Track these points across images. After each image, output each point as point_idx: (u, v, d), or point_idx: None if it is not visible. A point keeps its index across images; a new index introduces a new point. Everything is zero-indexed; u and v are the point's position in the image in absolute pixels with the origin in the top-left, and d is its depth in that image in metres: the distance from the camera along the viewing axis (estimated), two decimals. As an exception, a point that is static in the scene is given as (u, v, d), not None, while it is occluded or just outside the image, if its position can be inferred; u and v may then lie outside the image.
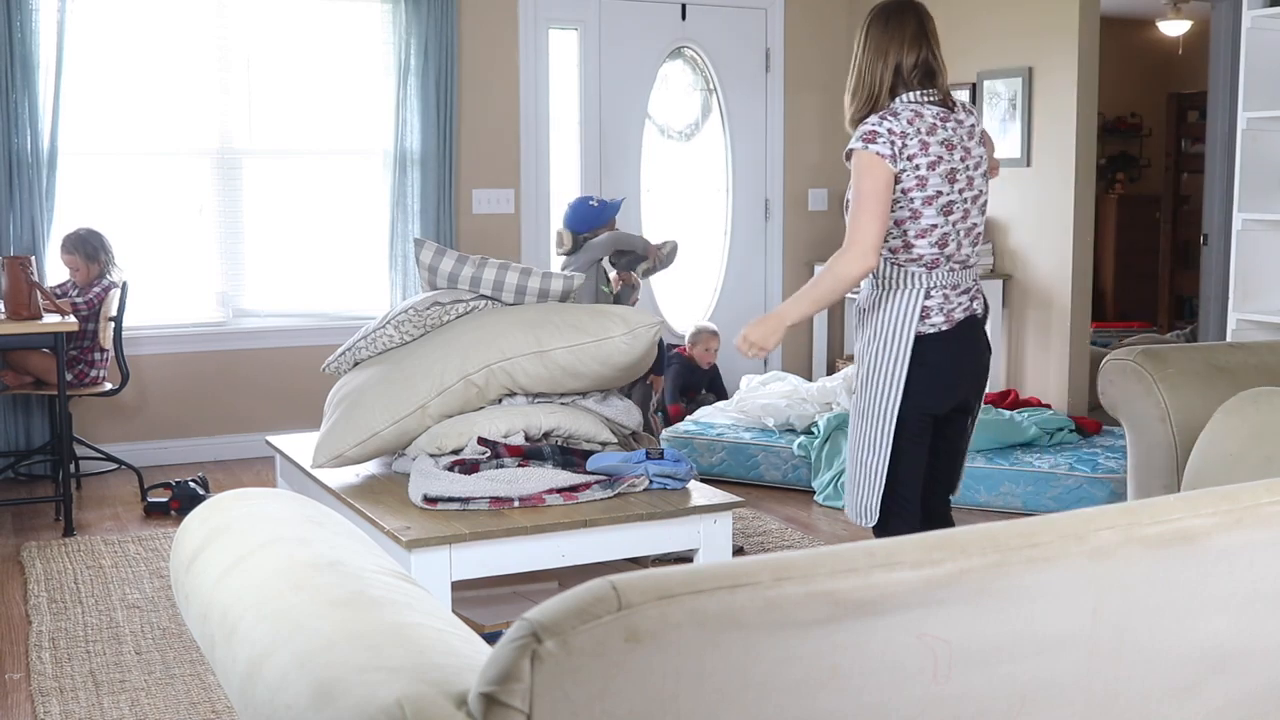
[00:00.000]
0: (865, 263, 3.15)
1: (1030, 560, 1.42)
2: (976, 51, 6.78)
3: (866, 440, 3.32)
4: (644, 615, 1.20)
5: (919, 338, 3.24)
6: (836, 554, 1.33)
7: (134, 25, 6.12)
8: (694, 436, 5.88)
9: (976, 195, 3.32)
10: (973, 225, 3.32)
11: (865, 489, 3.33)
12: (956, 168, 3.25)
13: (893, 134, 3.17)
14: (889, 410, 3.26)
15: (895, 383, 3.25)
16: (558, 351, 3.73)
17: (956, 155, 3.25)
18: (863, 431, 3.33)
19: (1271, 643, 1.62)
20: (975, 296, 3.36)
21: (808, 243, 7.63)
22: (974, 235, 3.33)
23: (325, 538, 1.83)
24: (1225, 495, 1.59)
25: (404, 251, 6.57)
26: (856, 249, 3.14)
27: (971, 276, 3.35)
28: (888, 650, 1.33)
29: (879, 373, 3.28)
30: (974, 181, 3.30)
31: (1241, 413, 3.09)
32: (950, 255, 3.27)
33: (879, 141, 3.17)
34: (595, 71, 7.07)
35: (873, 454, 3.30)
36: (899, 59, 3.26)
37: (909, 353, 3.23)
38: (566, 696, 1.18)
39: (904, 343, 3.24)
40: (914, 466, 3.33)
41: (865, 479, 3.33)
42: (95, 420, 6.16)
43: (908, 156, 3.18)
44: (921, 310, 3.24)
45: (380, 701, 1.25)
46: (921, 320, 3.25)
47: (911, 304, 3.24)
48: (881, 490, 3.30)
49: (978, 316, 3.36)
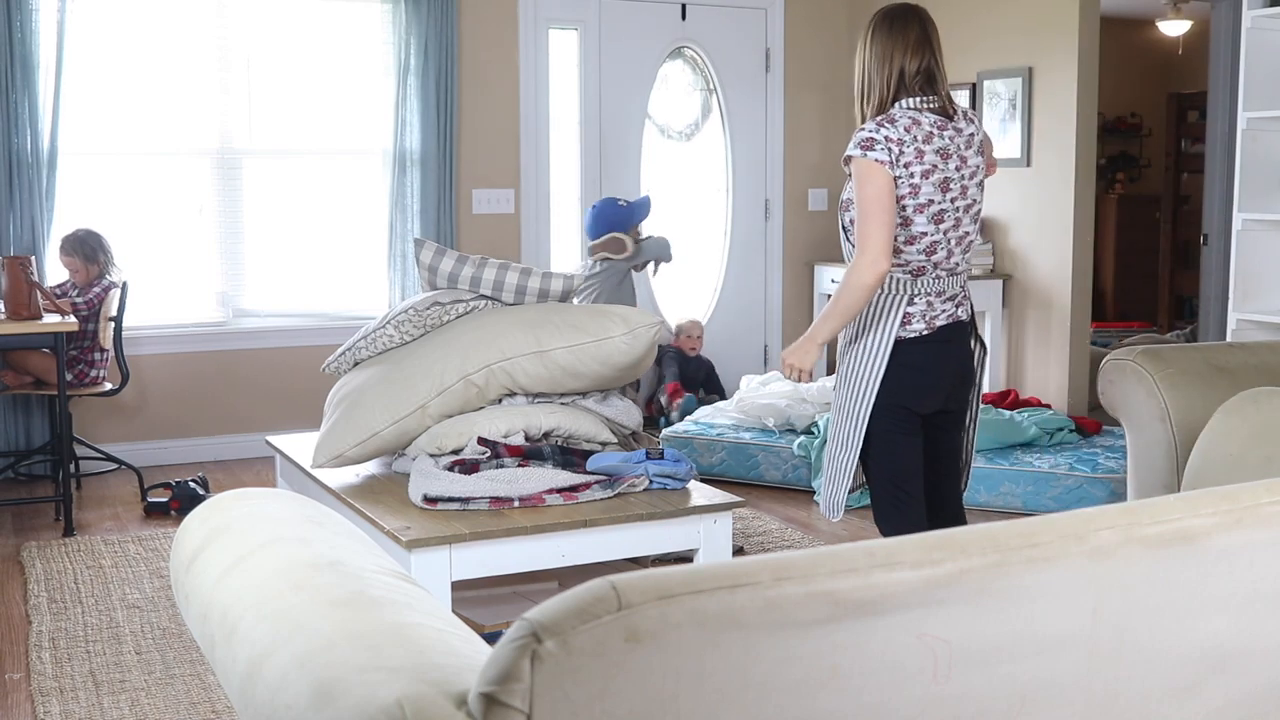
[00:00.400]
0: (878, 268, 3.18)
1: (1030, 560, 1.42)
2: (976, 51, 6.78)
3: (840, 438, 3.38)
4: (644, 615, 1.20)
5: (899, 341, 3.29)
6: (836, 554, 1.33)
7: (134, 25, 6.12)
8: (694, 436, 5.87)
9: (970, 204, 3.34)
10: (964, 234, 3.34)
11: (835, 483, 3.40)
12: (950, 176, 3.27)
13: (889, 141, 3.20)
14: (863, 409, 3.31)
15: (871, 383, 3.30)
16: (558, 351, 3.73)
17: (951, 164, 3.27)
18: (839, 427, 3.39)
19: (1271, 643, 1.62)
20: (961, 303, 3.39)
21: (808, 243, 7.63)
22: (965, 244, 3.36)
23: (325, 538, 1.83)
24: (1225, 495, 1.59)
25: (404, 251, 6.57)
26: (867, 256, 3.18)
27: (959, 283, 3.38)
28: (888, 650, 1.33)
29: (856, 375, 3.34)
30: (967, 190, 3.32)
31: (1241, 413, 3.09)
32: (938, 263, 3.30)
33: (876, 149, 3.20)
34: (595, 71, 7.07)
35: (845, 450, 3.36)
36: (903, 64, 3.28)
37: (888, 355, 3.28)
38: (566, 696, 1.18)
39: (884, 346, 3.29)
40: (910, 461, 3.37)
41: (837, 474, 3.40)
42: (95, 420, 6.16)
43: (904, 164, 3.21)
44: (903, 316, 3.29)
45: (380, 701, 1.25)
46: (903, 326, 3.30)
47: (894, 310, 3.29)
48: (849, 485, 3.38)
49: (962, 322, 3.39)
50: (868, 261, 3.18)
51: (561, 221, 7.12)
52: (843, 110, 7.53)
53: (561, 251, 7.13)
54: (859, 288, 3.21)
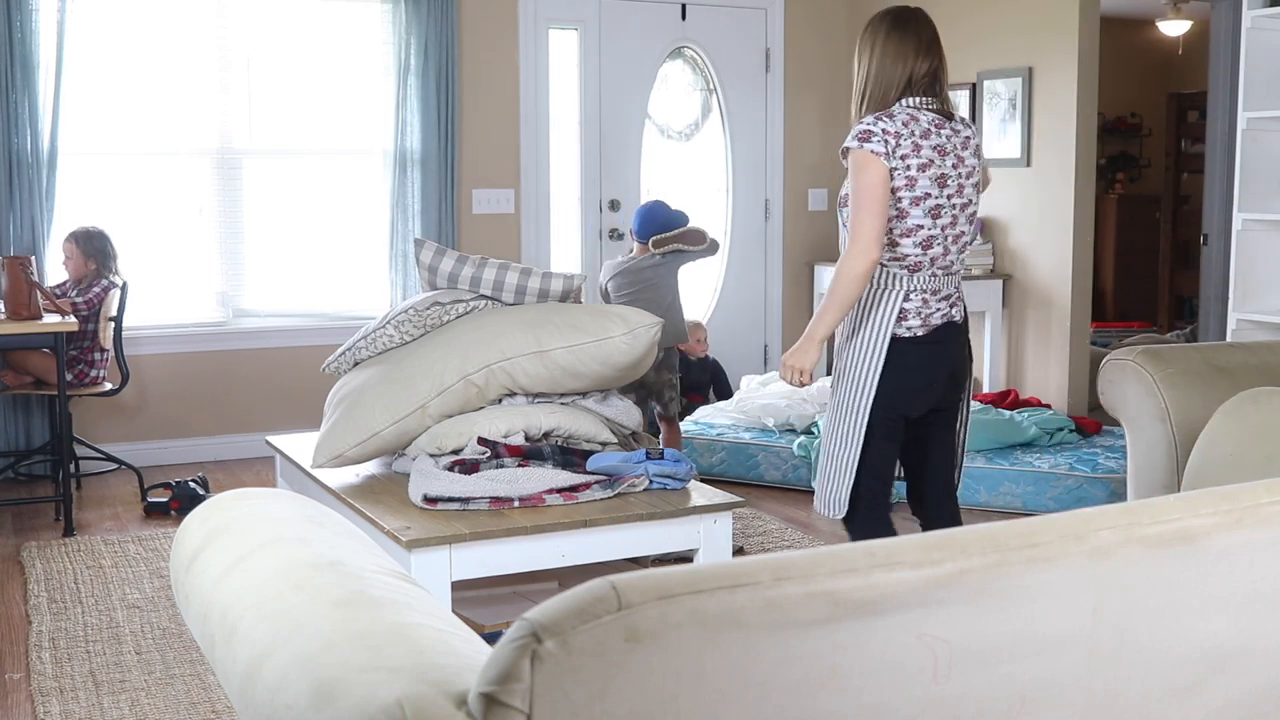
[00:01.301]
0: (869, 257, 3.20)
1: (1030, 560, 1.42)
2: (976, 51, 6.78)
3: (839, 434, 3.38)
4: (644, 615, 1.20)
5: (894, 340, 3.30)
6: (836, 554, 1.33)
7: (134, 25, 6.12)
8: (694, 436, 5.87)
9: (966, 204, 3.35)
10: (960, 233, 3.36)
11: (836, 481, 3.40)
12: (947, 173, 3.29)
13: (887, 133, 3.22)
14: (863, 406, 3.32)
15: (870, 381, 3.31)
16: (557, 351, 3.73)
17: (949, 161, 3.29)
18: (836, 425, 3.39)
19: (1272, 643, 1.62)
20: (955, 304, 3.41)
21: (808, 243, 7.63)
22: (961, 243, 3.37)
23: (325, 538, 1.84)
24: (1225, 495, 1.59)
25: (404, 251, 6.57)
26: (858, 245, 3.20)
27: (954, 283, 3.40)
28: (888, 650, 1.33)
29: (855, 370, 3.35)
30: (964, 190, 3.34)
31: (1241, 413, 3.09)
32: (934, 259, 3.31)
33: (873, 140, 3.22)
34: (595, 71, 7.07)
35: (845, 448, 3.37)
36: (913, 67, 3.30)
37: (884, 353, 3.30)
38: (566, 696, 1.18)
39: (880, 343, 3.30)
40: (882, 463, 3.40)
41: (837, 472, 3.40)
42: (95, 420, 6.16)
43: (900, 156, 3.22)
44: (899, 312, 3.30)
45: (380, 701, 1.25)
46: (898, 323, 3.31)
47: (890, 305, 3.30)
48: (852, 483, 3.37)
49: (956, 323, 3.41)
50: (859, 250, 3.19)
51: (561, 221, 7.12)
52: (842, 110, 7.52)
53: (561, 251, 7.12)
54: (851, 277, 3.21)
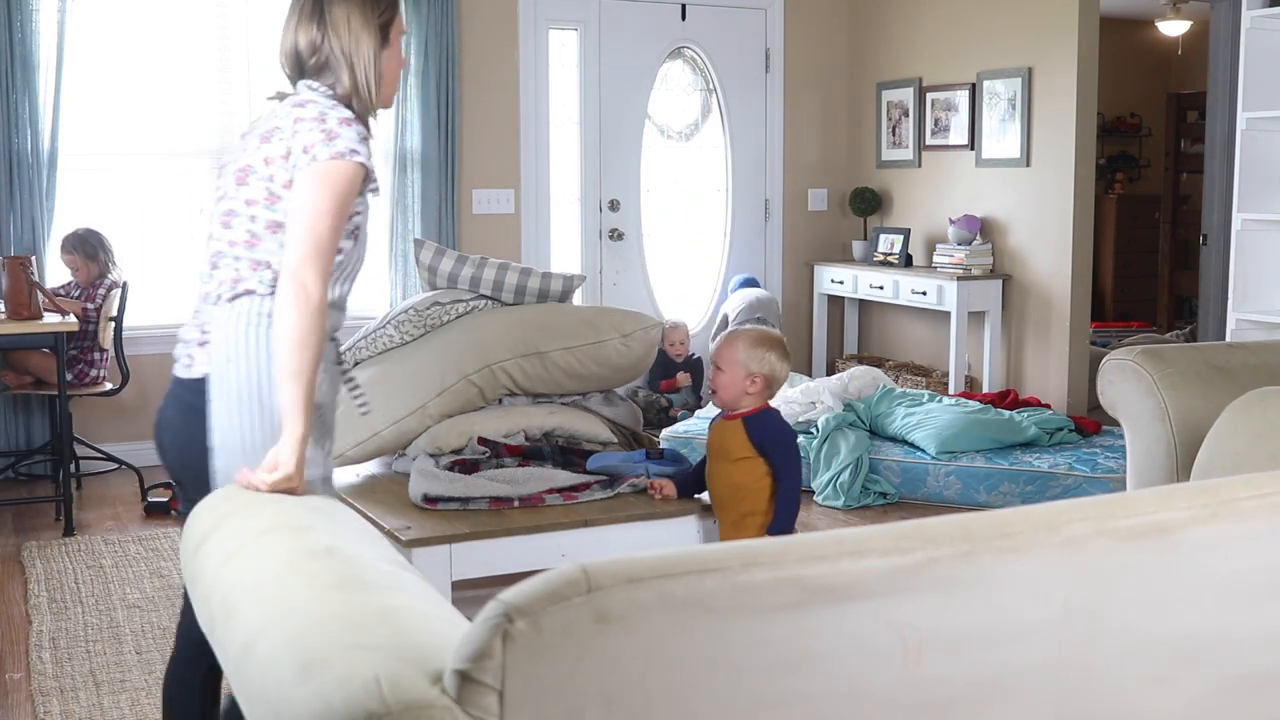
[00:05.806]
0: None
1: (1000, 550, 1.44)
2: (976, 51, 6.78)
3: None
4: (613, 598, 1.24)
5: None
6: (805, 541, 1.36)
7: (134, 25, 6.13)
8: (694, 436, 5.88)
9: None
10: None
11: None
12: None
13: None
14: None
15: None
16: (556, 352, 3.74)
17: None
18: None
19: (1248, 634, 1.63)
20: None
21: (807, 243, 7.63)
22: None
23: (325, 525, 1.89)
24: (1202, 489, 1.61)
25: (404, 251, 6.58)
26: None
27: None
28: (858, 635, 1.36)
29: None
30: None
31: (1249, 411, 3.09)
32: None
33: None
34: (595, 71, 7.08)
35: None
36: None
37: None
38: (537, 675, 1.22)
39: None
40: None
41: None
42: (95, 420, 6.16)
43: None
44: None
45: (360, 677, 1.29)
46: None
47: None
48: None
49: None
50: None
51: (561, 221, 7.12)
52: (843, 110, 7.54)
53: (561, 251, 7.13)
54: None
